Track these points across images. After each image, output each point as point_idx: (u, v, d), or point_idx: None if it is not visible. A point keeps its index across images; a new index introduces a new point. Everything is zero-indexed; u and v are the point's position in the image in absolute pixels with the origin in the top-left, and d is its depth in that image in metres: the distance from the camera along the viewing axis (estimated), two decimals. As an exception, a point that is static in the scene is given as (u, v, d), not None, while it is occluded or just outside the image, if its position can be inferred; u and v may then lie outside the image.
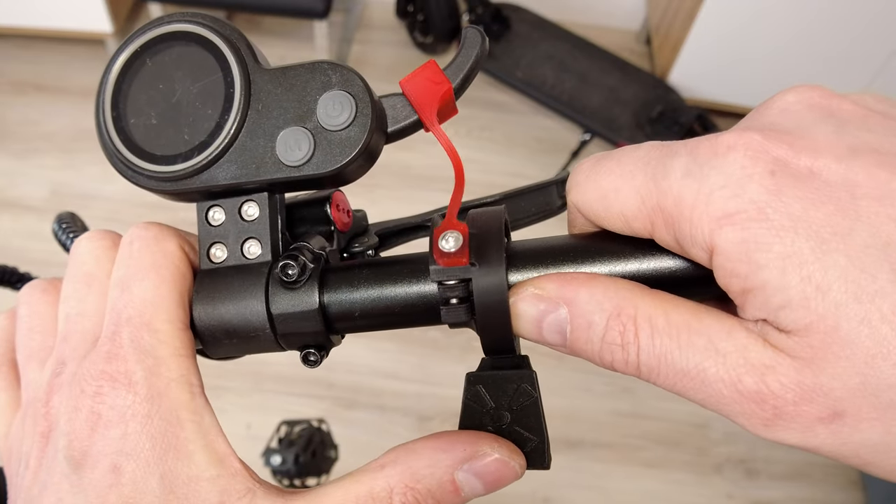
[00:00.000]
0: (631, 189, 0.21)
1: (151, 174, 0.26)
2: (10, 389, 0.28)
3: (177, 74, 0.26)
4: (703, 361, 0.20)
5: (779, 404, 0.19)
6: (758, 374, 0.19)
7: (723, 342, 0.20)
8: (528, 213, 0.32)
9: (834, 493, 1.53)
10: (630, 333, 0.21)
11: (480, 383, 0.24)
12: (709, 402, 0.20)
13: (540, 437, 0.24)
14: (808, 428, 0.19)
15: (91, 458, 0.23)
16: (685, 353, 0.20)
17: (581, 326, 0.22)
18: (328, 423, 1.09)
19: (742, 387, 0.19)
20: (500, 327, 0.23)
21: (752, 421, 0.19)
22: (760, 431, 0.19)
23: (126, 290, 0.24)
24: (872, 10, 1.70)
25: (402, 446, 0.24)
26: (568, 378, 1.63)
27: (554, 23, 2.03)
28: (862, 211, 0.18)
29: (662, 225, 0.20)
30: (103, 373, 0.23)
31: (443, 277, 0.23)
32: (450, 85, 0.25)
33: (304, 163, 0.25)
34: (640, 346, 0.21)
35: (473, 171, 1.95)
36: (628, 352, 0.21)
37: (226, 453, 0.24)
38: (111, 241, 0.27)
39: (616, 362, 0.21)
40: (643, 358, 0.21)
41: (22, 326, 0.28)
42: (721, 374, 0.19)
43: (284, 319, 0.25)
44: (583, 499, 1.50)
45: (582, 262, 0.23)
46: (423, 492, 0.23)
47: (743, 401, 0.19)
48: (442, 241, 0.23)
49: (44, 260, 1.66)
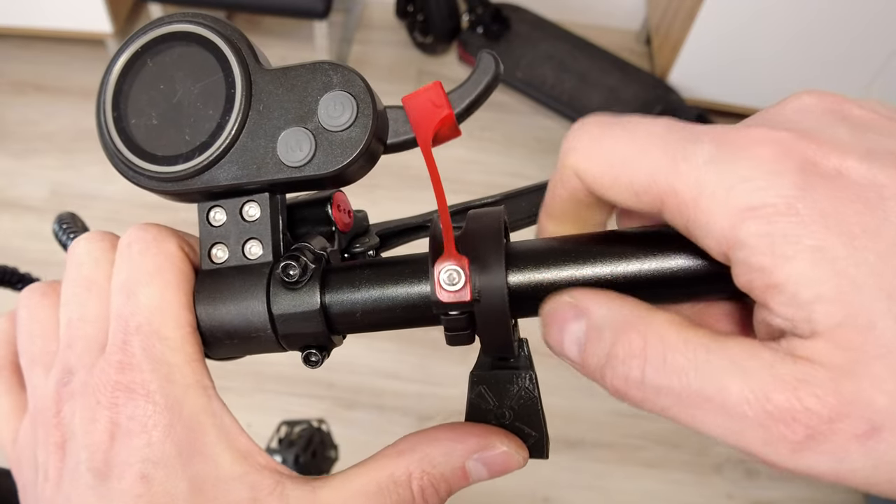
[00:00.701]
0: (645, 164, 0.20)
1: (152, 175, 0.26)
2: (15, 393, 0.28)
3: (178, 75, 0.26)
4: (724, 379, 0.18)
5: (812, 423, 0.17)
6: (789, 390, 0.17)
7: (746, 361, 0.18)
8: (528, 214, 0.32)
9: (834, 493, 1.53)
10: (637, 345, 0.19)
11: (484, 384, 0.26)
12: (727, 430, 0.18)
13: (540, 432, 0.26)
14: (842, 449, 0.17)
15: (116, 468, 0.23)
16: (703, 373, 0.18)
17: (592, 339, 0.21)
18: (328, 424, 1.09)
19: (771, 406, 0.17)
20: (500, 328, 0.23)
21: (779, 449, 0.17)
22: (786, 461, 0.17)
23: (131, 297, 0.24)
24: (872, 11, 1.70)
25: (417, 434, 0.25)
26: (568, 378, 1.63)
27: (554, 23, 2.03)
28: (890, 211, 0.17)
29: (674, 208, 0.19)
30: (118, 383, 0.23)
31: (446, 311, 0.23)
32: (450, 111, 0.24)
33: (305, 163, 0.25)
34: (647, 361, 0.19)
35: (473, 172, 1.95)
36: (629, 367, 0.19)
37: (249, 450, 0.24)
38: (109, 242, 0.27)
39: (616, 379, 0.20)
40: (649, 375, 0.19)
41: (23, 331, 0.27)
42: (746, 394, 0.17)
43: (286, 320, 0.25)
44: (583, 499, 1.50)
45: (584, 263, 0.23)
46: (438, 476, 0.24)
47: (770, 424, 0.17)
48: (443, 276, 0.23)
49: (44, 260, 1.66)
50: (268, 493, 0.24)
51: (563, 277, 0.23)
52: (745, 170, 0.18)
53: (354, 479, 0.24)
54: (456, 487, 0.25)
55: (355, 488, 0.24)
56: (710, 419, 0.18)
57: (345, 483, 0.24)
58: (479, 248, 0.23)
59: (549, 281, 0.23)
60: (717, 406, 0.18)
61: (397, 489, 0.24)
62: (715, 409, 0.18)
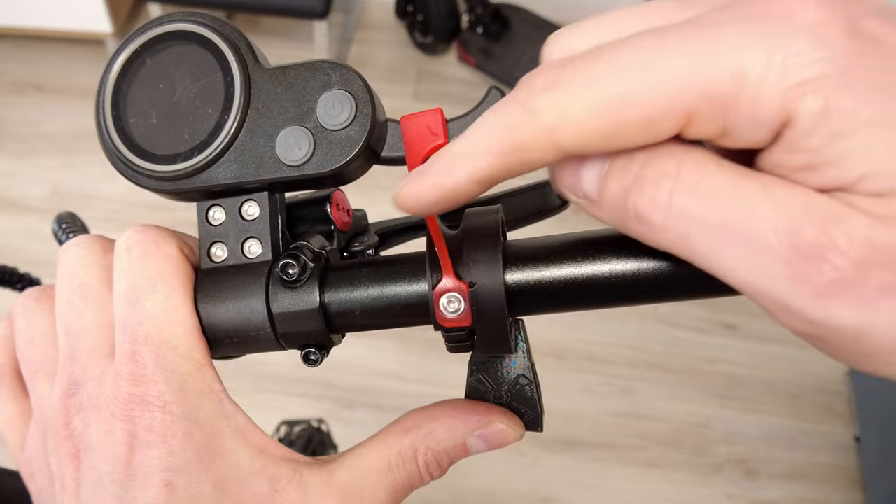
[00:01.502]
0: (663, 82, 0.16)
1: (152, 174, 0.26)
2: (19, 400, 0.28)
3: (177, 74, 0.26)
4: (754, 206, 0.16)
5: (841, 265, 0.15)
6: (820, 225, 0.16)
7: (780, 190, 0.16)
8: (527, 213, 0.32)
9: (834, 493, 1.53)
10: (671, 167, 0.17)
11: (482, 371, 0.28)
12: (749, 264, 0.16)
13: (535, 410, 0.28)
14: (869, 301, 0.15)
15: (139, 478, 0.23)
16: (734, 198, 0.16)
17: (620, 164, 0.18)
18: (328, 424, 1.09)
19: (798, 239, 0.16)
20: (499, 334, 0.24)
21: (803, 291, 0.16)
22: (809, 306, 0.16)
23: (136, 304, 0.24)
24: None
25: (420, 411, 0.27)
26: (568, 378, 1.63)
27: (553, 23, 2.03)
28: None
29: (707, 114, 0.17)
30: (132, 395, 0.23)
31: (446, 332, 0.24)
32: (444, 141, 0.24)
33: (304, 162, 0.25)
34: (678, 180, 0.17)
35: (473, 171, 1.94)
36: (660, 188, 0.17)
37: (265, 444, 0.25)
38: (101, 246, 0.26)
39: (642, 201, 0.17)
40: (677, 198, 0.17)
41: (21, 339, 0.27)
42: (774, 223, 0.16)
43: (285, 318, 0.25)
44: (582, 499, 1.50)
45: (582, 261, 0.23)
46: (441, 452, 0.26)
47: (797, 260, 0.16)
48: (443, 302, 0.23)
49: (43, 260, 1.66)
50: (287, 483, 0.25)
51: (562, 276, 0.23)
52: (791, 39, 0.16)
53: (366, 458, 0.26)
54: (456, 459, 0.27)
55: (368, 466, 0.26)
56: (732, 251, 0.17)
57: (358, 462, 0.26)
58: (475, 250, 0.23)
59: (547, 280, 0.23)
60: (743, 235, 0.16)
61: (405, 465, 0.26)
62: (739, 238, 0.16)
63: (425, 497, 1.34)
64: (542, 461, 1.53)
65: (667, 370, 1.66)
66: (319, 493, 0.25)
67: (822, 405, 1.64)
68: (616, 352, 1.67)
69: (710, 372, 1.66)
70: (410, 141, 0.24)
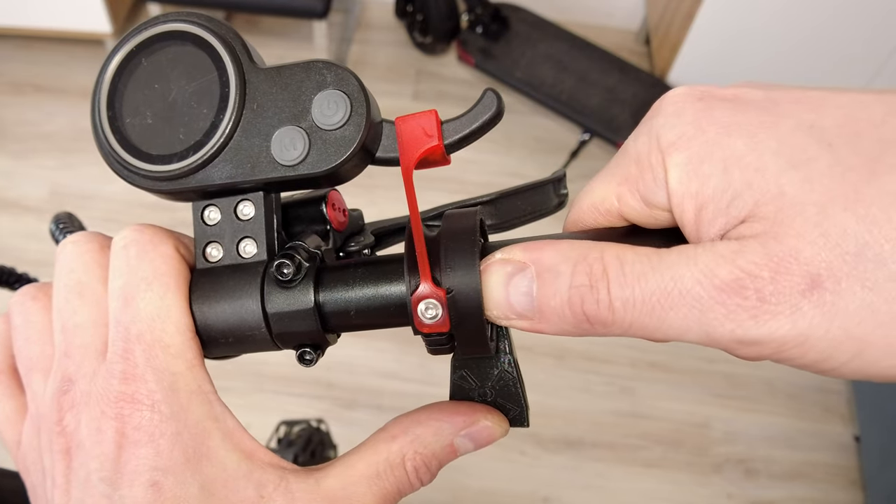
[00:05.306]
0: (607, 184, 0.24)
1: (147, 174, 0.26)
2: (16, 397, 0.28)
3: (172, 74, 0.26)
4: (677, 270, 0.19)
5: (758, 285, 0.18)
6: (729, 262, 0.19)
7: (690, 249, 0.20)
8: (524, 213, 0.32)
9: (834, 493, 1.53)
10: (598, 271, 0.20)
11: (465, 368, 0.28)
12: (692, 319, 0.19)
13: (520, 406, 0.28)
14: (795, 307, 0.18)
15: (126, 476, 0.23)
16: (658, 271, 0.20)
17: (548, 280, 0.21)
18: (327, 424, 1.09)
19: (719, 280, 0.19)
20: (477, 340, 0.24)
21: (740, 318, 0.18)
22: (751, 330, 0.19)
23: (130, 303, 0.24)
24: (872, 10, 1.70)
25: (407, 417, 0.27)
26: (568, 378, 1.63)
27: (553, 23, 2.02)
28: (783, 110, 0.20)
29: (628, 193, 0.22)
30: (122, 394, 0.23)
31: (425, 337, 0.24)
32: (439, 143, 0.24)
33: (299, 162, 0.25)
34: (609, 279, 0.20)
35: (472, 172, 1.95)
36: (598, 290, 0.20)
37: (253, 449, 0.25)
38: (98, 244, 0.27)
39: (587, 305, 0.21)
40: (615, 292, 0.20)
41: (18, 336, 0.27)
42: (696, 276, 0.19)
43: (280, 318, 0.25)
44: (582, 498, 1.50)
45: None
46: (429, 455, 0.26)
47: (724, 297, 0.18)
48: (421, 308, 0.23)
49: (42, 260, 1.66)
50: (273, 489, 0.25)
51: None
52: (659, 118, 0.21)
53: (354, 466, 0.26)
54: (445, 461, 0.27)
55: (356, 475, 0.26)
56: (675, 314, 0.19)
57: (345, 471, 0.26)
58: (453, 252, 0.23)
59: None
60: (677, 297, 0.19)
61: (394, 471, 0.26)
62: (675, 301, 0.19)
63: (425, 497, 1.34)
64: (542, 461, 1.53)
65: (667, 370, 1.66)
66: (306, 501, 0.25)
67: (821, 405, 1.64)
68: (616, 351, 1.67)
69: (709, 372, 1.66)
70: (405, 142, 0.24)
